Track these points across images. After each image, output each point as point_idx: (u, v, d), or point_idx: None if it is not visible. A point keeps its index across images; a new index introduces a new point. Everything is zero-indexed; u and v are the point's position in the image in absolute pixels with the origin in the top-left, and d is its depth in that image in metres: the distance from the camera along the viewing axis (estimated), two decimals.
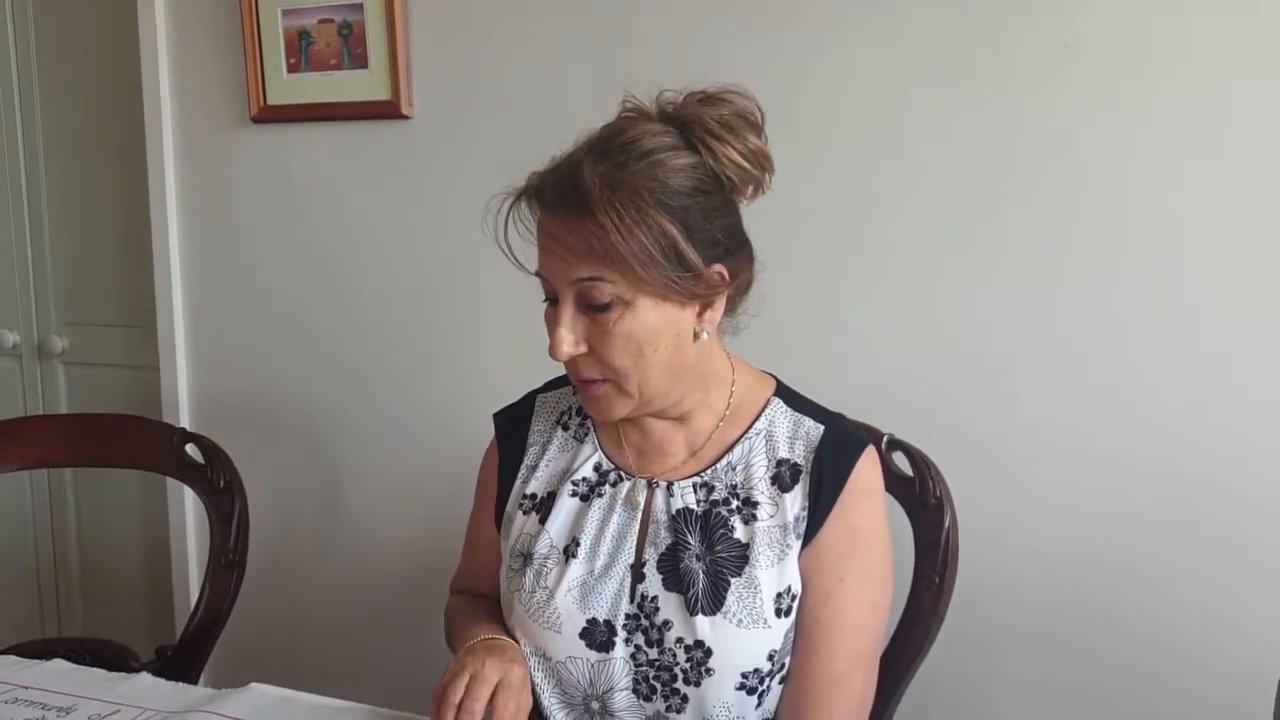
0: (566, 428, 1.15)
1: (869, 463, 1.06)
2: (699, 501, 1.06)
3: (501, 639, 1.06)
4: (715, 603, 1.01)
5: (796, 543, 1.03)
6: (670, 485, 1.07)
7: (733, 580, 1.02)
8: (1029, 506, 1.58)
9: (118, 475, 2.05)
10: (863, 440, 1.07)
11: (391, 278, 1.96)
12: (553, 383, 1.21)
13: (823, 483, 1.03)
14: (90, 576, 2.52)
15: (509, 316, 1.84)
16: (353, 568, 2.07)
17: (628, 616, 1.03)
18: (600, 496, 1.09)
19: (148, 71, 2.08)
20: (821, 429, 1.07)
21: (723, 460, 1.07)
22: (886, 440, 1.29)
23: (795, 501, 1.04)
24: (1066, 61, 1.49)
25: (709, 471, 1.07)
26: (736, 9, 1.64)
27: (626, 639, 1.03)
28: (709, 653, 1.00)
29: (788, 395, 1.12)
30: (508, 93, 1.81)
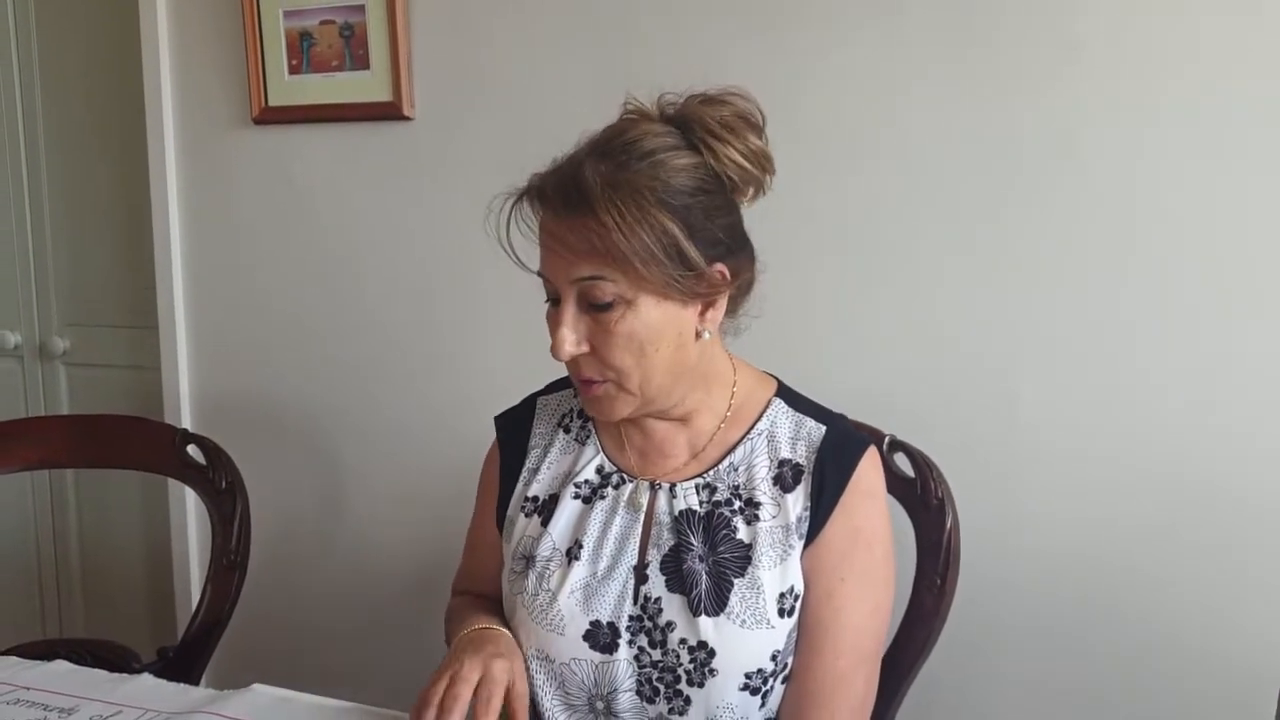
0: (568, 430, 1.15)
1: (871, 464, 1.06)
2: (701, 503, 1.05)
3: (493, 629, 1.06)
4: (718, 603, 1.01)
5: (799, 543, 1.03)
6: (673, 487, 1.07)
7: (736, 581, 1.01)
8: (1031, 507, 1.58)
9: (119, 476, 2.04)
10: (864, 441, 1.07)
11: (393, 278, 1.97)
12: (554, 385, 1.21)
13: (824, 483, 1.03)
14: (92, 577, 2.52)
15: (510, 317, 1.84)
16: (354, 569, 2.07)
17: (631, 618, 1.03)
18: (603, 499, 1.09)
19: (149, 72, 2.08)
20: (823, 430, 1.07)
21: (725, 461, 1.07)
22: (888, 441, 1.29)
23: (797, 502, 1.04)
24: (1068, 62, 1.49)
25: (711, 472, 1.07)
26: (738, 10, 1.65)
27: (630, 641, 1.03)
28: (712, 654, 1.00)
29: (789, 396, 1.12)
30: (509, 94, 1.82)
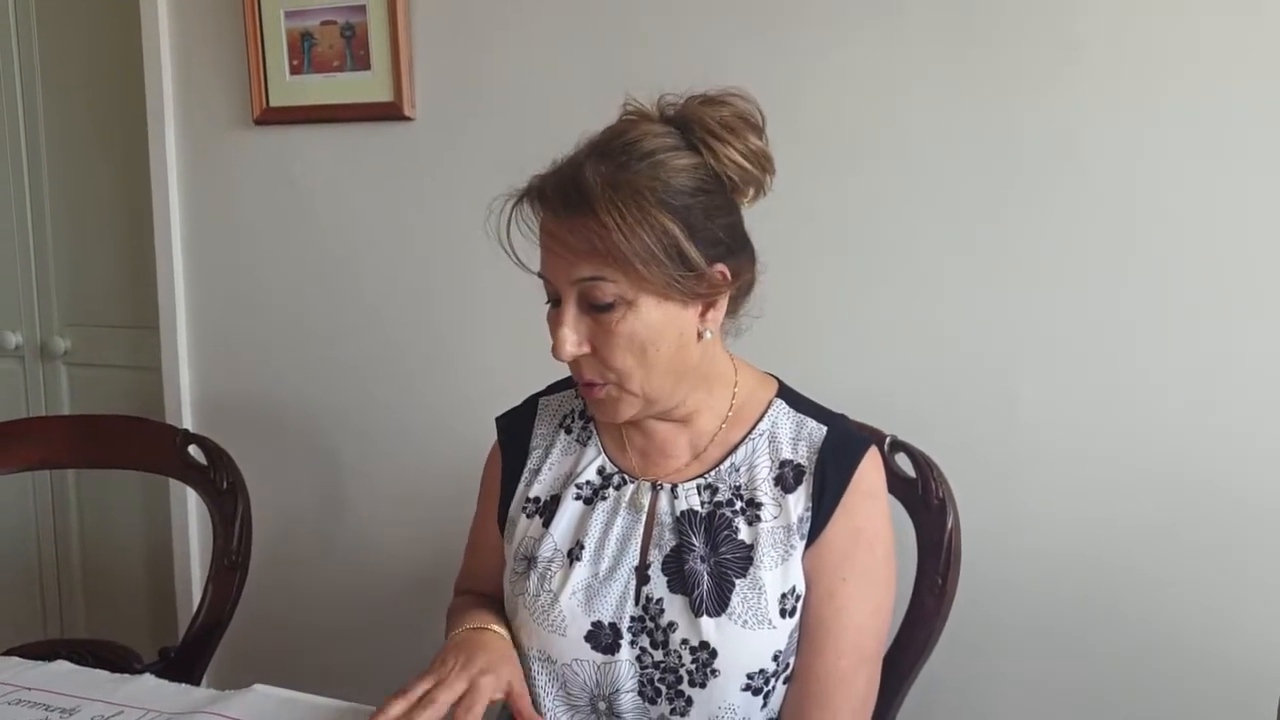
0: (569, 431, 1.15)
1: (872, 464, 1.06)
2: (703, 503, 1.06)
3: (487, 630, 1.05)
4: (720, 604, 1.01)
5: (800, 543, 1.03)
6: (674, 487, 1.07)
7: (737, 581, 1.02)
8: (1031, 507, 1.58)
9: (120, 476, 2.05)
10: (865, 441, 1.07)
11: (394, 279, 1.97)
12: (555, 386, 1.21)
13: (826, 483, 1.04)
14: (93, 578, 2.52)
15: (511, 318, 1.85)
16: (355, 569, 2.07)
17: (633, 619, 1.03)
18: (604, 499, 1.09)
19: (150, 73, 2.08)
20: (824, 430, 1.07)
21: (726, 461, 1.07)
22: (889, 441, 1.29)
23: (799, 502, 1.04)
24: (1068, 62, 1.49)
25: (712, 473, 1.07)
26: (738, 10, 1.65)
27: (632, 641, 1.03)
28: (714, 654, 1.00)
29: (790, 396, 1.12)
30: (510, 94, 1.82)
